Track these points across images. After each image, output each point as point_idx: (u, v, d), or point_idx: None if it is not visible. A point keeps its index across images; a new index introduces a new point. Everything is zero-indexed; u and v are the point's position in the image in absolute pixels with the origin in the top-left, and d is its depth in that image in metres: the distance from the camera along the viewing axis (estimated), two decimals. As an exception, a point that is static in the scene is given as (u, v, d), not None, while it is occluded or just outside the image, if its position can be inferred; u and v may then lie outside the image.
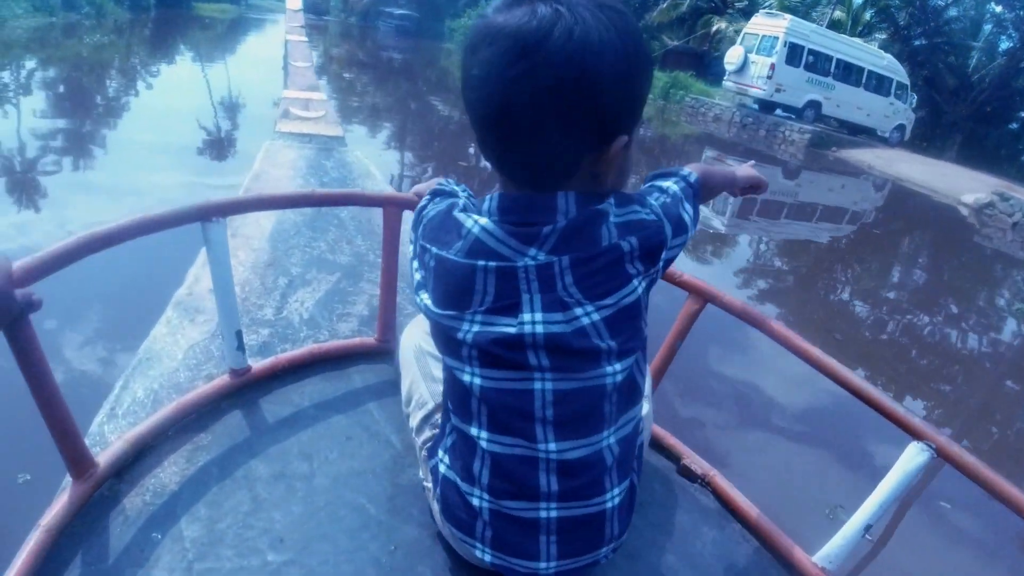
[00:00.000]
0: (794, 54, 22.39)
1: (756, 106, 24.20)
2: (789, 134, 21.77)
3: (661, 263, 1.07)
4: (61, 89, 11.40)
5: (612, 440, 1.09)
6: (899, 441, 1.37)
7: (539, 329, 0.99)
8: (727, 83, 24.48)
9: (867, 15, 33.10)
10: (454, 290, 1.02)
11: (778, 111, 23.76)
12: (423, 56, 33.71)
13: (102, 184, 6.51)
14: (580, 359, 1.02)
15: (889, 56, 25.06)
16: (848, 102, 23.89)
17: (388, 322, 1.99)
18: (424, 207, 1.15)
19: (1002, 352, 7.80)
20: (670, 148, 17.58)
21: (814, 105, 23.33)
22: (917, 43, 31.96)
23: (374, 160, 6.39)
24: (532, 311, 0.99)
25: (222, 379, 1.70)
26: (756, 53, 22.86)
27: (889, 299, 8.77)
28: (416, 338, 1.49)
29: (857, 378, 1.43)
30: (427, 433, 1.34)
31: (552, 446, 1.04)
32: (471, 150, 10.67)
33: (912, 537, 3.48)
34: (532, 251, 0.97)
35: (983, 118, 33.05)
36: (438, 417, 1.32)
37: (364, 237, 3.28)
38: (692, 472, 1.74)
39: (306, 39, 15.31)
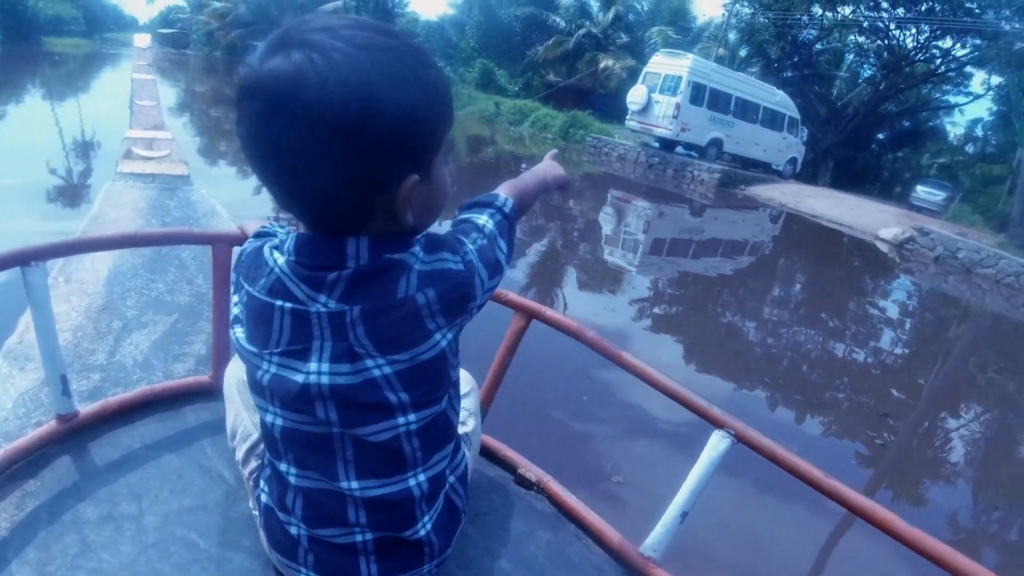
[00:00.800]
0: (697, 93, 22.39)
1: (657, 145, 24.11)
2: (698, 174, 21.63)
3: (474, 309, 1.02)
4: None
5: (421, 478, 1.07)
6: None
7: (324, 380, 0.94)
8: (630, 123, 24.09)
9: (742, 51, 34.01)
10: (256, 327, 0.98)
11: (679, 149, 23.70)
12: None
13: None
14: (368, 412, 0.97)
15: (781, 92, 25.62)
16: (747, 139, 24.18)
17: (222, 358, 1.89)
18: (244, 246, 1.09)
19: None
20: (573, 191, 16.90)
21: (716, 143, 23.40)
22: (787, 75, 33.00)
23: (242, 202, 6.40)
24: (319, 360, 0.94)
25: (49, 425, 1.61)
26: (659, 92, 22.68)
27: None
28: (239, 371, 1.37)
29: (664, 376, 1.51)
30: (253, 463, 1.28)
31: (355, 484, 1.02)
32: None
33: (724, 516, 3.76)
34: (322, 298, 0.92)
35: (851, 143, 34.63)
36: (263, 447, 1.20)
37: (206, 276, 3.15)
38: (527, 480, 1.77)
39: (153, 77, 14.84)
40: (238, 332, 1.04)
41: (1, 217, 6.46)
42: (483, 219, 1.09)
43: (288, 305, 0.94)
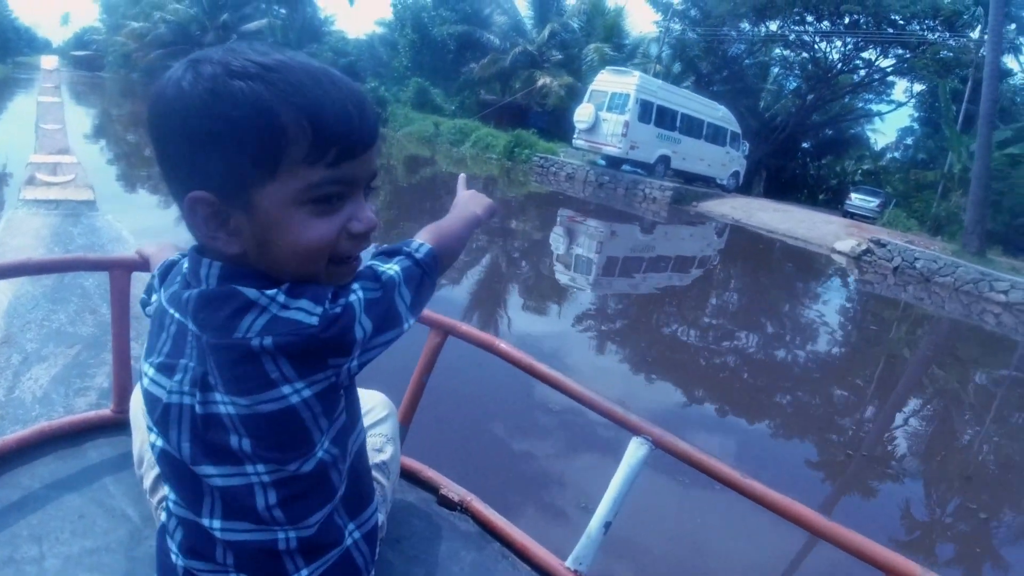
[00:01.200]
0: (645, 111, 22.20)
1: (604, 163, 23.86)
2: (650, 191, 21.43)
3: (344, 368, 0.89)
4: None
5: (291, 534, 0.96)
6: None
7: (186, 400, 0.89)
8: (578, 142, 23.69)
9: (675, 66, 34.22)
10: (151, 334, 0.97)
11: (625, 167, 23.44)
12: None
13: None
14: (214, 451, 0.89)
15: (723, 108, 25.72)
16: (692, 154, 24.12)
17: (124, 390, 1.79)
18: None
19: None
20: (518, 209, 16.76)
21: (664, 160, 23.25)
22: (716, 88, 33.33)
23: (162, 229, 6.17)
24: (182, 380, 0.89)
25: None
26: (607, 111, 22.40)
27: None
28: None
29: (578, 385, 1.51)
30: (160, 492, 1.23)
31: (216, 523, 0.94)
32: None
33: (647, 522, 3.68)
34: (188, 316, 0.87)
35: (780, 153, 35.26)
36: None
37: (109, 305, 2.79)
38: (450, 500, 1.72)
39: (60, 100, 14.37)
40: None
41: None
42: (386, 266, 0.97)
43: (177, 315, 0.90)
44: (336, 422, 0.96)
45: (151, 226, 7.32)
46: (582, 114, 22.92)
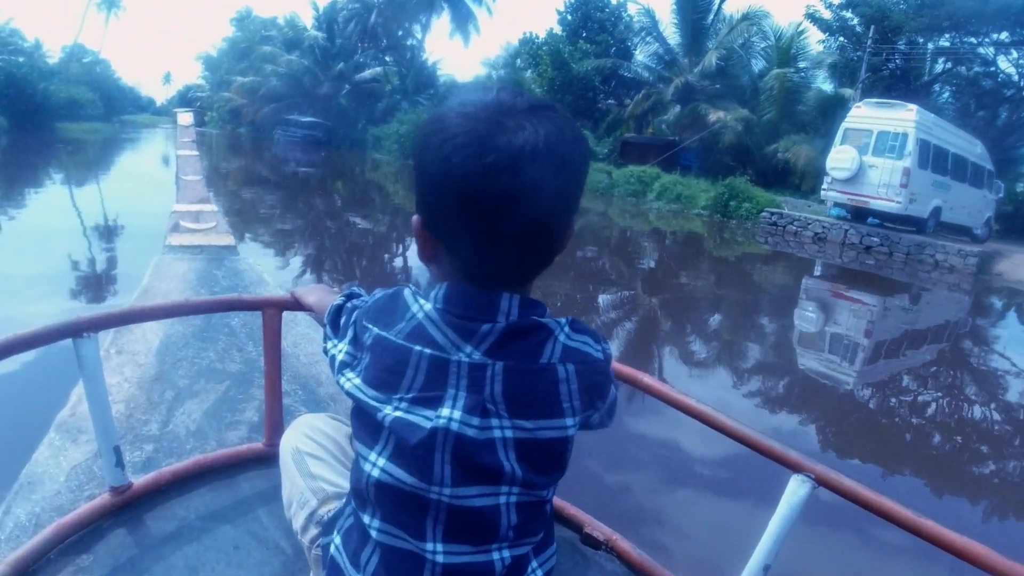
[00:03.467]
0: (923, 154, 16.58)
1: (837, 213, 18.40)
2: (944, 257, 15.79)
3: (602, 408, 1.02)
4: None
5: (505, 554, 0.98)
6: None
7: (453, 427, 0.89)
8: (830, 194, 17.95)
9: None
10: (387, 372, 0.93)
11: (870, 220, 17.78)
12: (340, 168, 30.01)
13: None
14: (479, 473, 0.91)
15: (979, 142, 19.76)
16: (959, 203, 18.35)
17: (275, 424, 1.84)
18: (359, 295, 1.16)
19: None
20: (745, 275, 13.02)
21: (936, 212, 17.55)
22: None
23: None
24: (452, 408, 0.89)
25: (102, 498, 1.59)
26: (872, 154, 16.81)
27: None
28: (294, 441, 1.35)
29: (735, 422, 1.43)
30: (312, 531, 1.24)
31: (439, 547, 0.95)
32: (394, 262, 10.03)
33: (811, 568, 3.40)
34: (468, 348, 0.89)
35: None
36: (322, 513, 1.23)
37: (256, 343, 3.00)
38: (595, 539, 1.68)
39: (197, 153, 14.01)
40: (351, 377, 0.98)
41: (50, 299, 6.53)
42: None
43: (428, 351, 0.90)
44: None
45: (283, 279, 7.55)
46: (841, 159, 17.16)
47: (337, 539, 1.07)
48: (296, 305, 1.60)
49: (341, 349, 1.04)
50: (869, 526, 3.34)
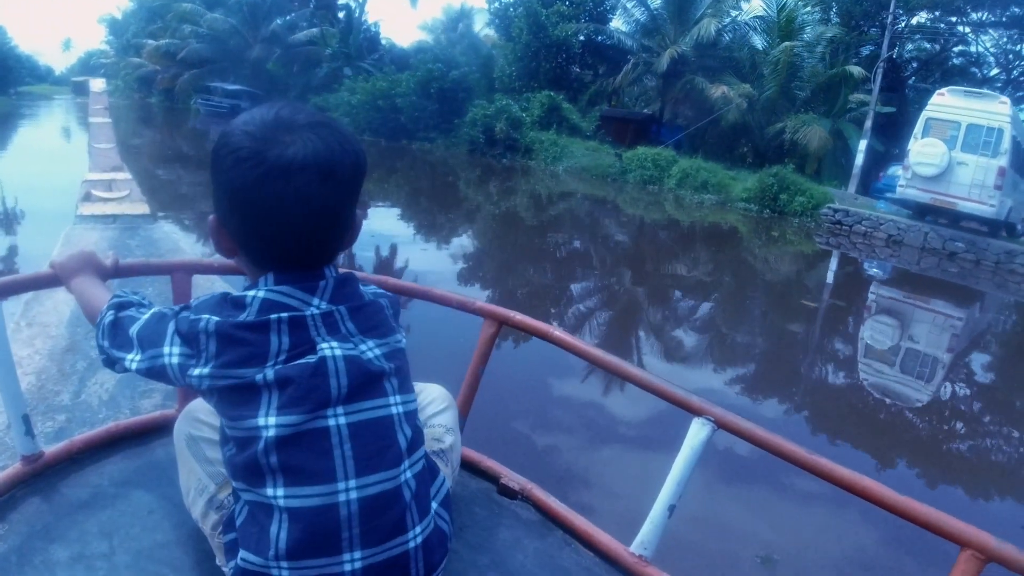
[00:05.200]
0: (1017, 152, 13.58)
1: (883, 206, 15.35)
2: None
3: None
4: None
5: (409, 475, 1.07)
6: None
7: (338, 352, 1.01)
8: (908, 191, 14.36)
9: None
10: (247, 349, 1.00)
11: (929, 218, 14.64)
12: None
13: None
14: (371, 384, 1.05)
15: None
16: (1028, 204, 15.35)
17: (189, 392, 1.59)
18: (131, 304, 1.21)
19: None
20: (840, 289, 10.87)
21: (1011, 214, 14.52)
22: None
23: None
24: (328, 344, 1.02)
25: (14, 468, 1.52)
26: (960, 150, 13.53)
27: None
28: (186, 428, 1.31)
29: (632, 367, 1.47)
30: (213, 516, 1.21)
31: (352, 483, 1.00)
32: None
33: (710, 505, 3.53)
34: (315, 300, 1.03)
35: None
36: (222, 497, 1.21)
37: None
38: (511, 489, 1.69)
39: (110, 120, 12.64)
40: (202, 371, 1.02)
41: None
42: None
43: (285, 315, 1.00)
44: None
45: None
46: (928, 154, 13.68)
47: (237, 537, 1.06)
48: (208, 268, 1.71)
49: (170, 353, 1.05)
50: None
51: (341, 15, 37.22)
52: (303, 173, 0.95)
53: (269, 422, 0.97)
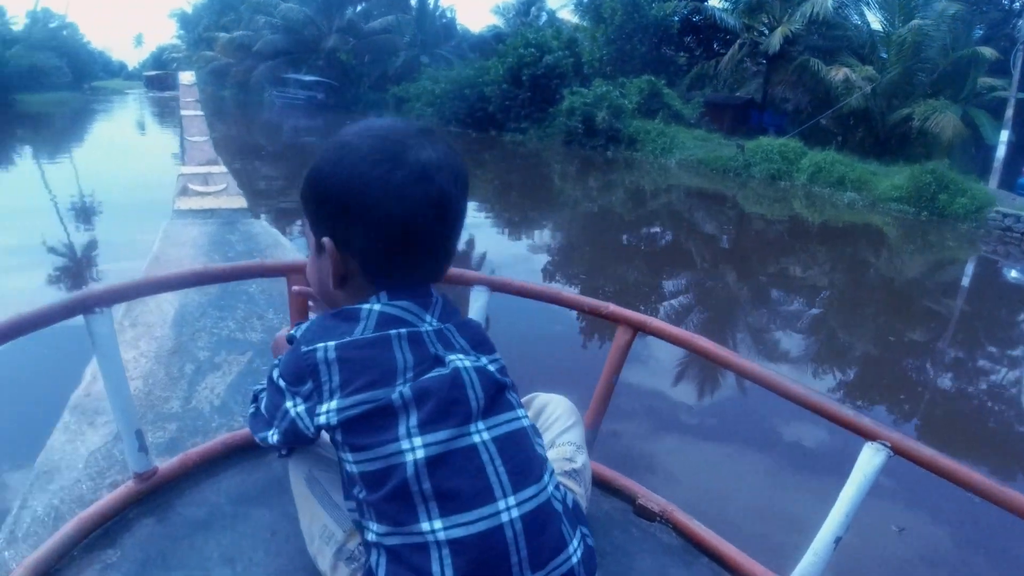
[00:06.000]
0: None
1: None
2: None
3: None
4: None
5: (551, 487, 0.97)
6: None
7: (468, 363, 0.95)
8: None
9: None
10: (376, 369, 0.91)
11: None
12: None
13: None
14: (502, 395, 0.98)
15: None
16: None
17: None
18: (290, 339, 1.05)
19: None
20: None
21: None
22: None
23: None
24: (455, 354, 0.96)
25: (126, 486, 1.44)
26: None
27: None
28: (305, 466, 1.18)
29: (803, 388, 1.32)
30: (344, 570, 1.08)
31: (511, 500, 0.90)
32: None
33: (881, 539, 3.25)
34: (428, 317, 0.98)
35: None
36: (351, 546, 1.08)
37: (277, 310, 2.92)
38: (649, 511, 1.55)
39: (202, 113, 12.12)
40: (330, 406, 0.91)
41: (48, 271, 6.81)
42: None
43: (403, 331, 0.94)
44: None
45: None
46: None
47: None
48: None
49: (294, 404, 0.97)
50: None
51: (413, 2, 35.87)
52: (440, 173, 0.92)
53: (415, 443, 0.88)
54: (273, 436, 1.03)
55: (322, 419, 0.91)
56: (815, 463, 3.89)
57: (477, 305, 1.64)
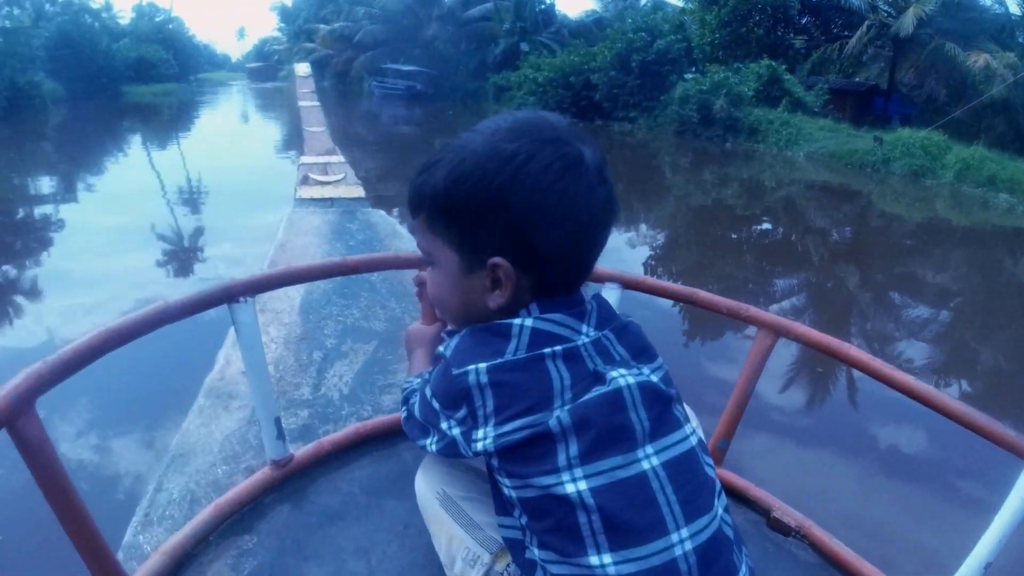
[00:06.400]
0: None
1: None
2: None
3: None
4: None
5: (721, 511, 0.91)
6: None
7: (630, 380, 0.86)
8: None
9: None
10: (532, 393, 0.83)
11: None
12: (457, 125, 22.71)
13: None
14: (668, 411, 0.89)
15: None
16: None
17: None
18: (415, 392, 1.07)
19: None
20: None
21: None
22: None
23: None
24: (615, 370, 0.87)
25: (263, 472, 1.46)
26: None
27: None
28: (436, 484, 1.14)
29: (957, 402, 1.22)
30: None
31: (684, 532, 0.84)
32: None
33: None
34: (584, 328, 0.89)
35: None
36: (500, 567, 1.02)
37: (398, 299, 2.95)
38: (784, 525, 1.48)
39: (318, 103, 12.89)
40: (487, 432, 0.85)
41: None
42: None
43: (558, 348, 0.86)
44: None
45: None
46: None
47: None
48: None
49: (449, 427, 0.91)
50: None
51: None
52: (598, 171, 0.87)
53: (576, 475, 0.82)
54: (432, 447, 0.96)
55: (479, 446, 0.86)
56: (964, 483, 3.72)
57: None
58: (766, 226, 11.11)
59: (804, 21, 24.73)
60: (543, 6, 34.16)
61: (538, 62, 25.42)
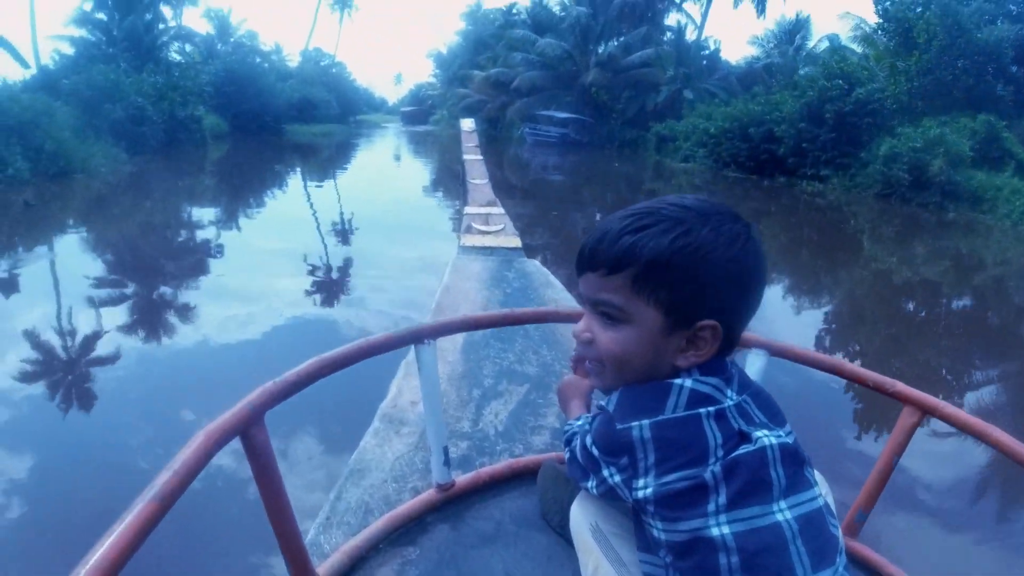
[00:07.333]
0: None
1: None
2: None
3: None
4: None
5: (842, 569, 0.94)
6: None
7: (773, 440, 0.91)
8: None
9: None
10: (691, 449, 0.89)
11: None
12: (615, 177, 22.50)
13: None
14: (801, 471, 0.94)
15: None
16: None
17: None
18: (575, 434, 1.13)
19: None
20: None
21: None
22: None
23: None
24: (759, 430, 0.92)
25: (429, 493, 1.60)
26: None
27: None
28: (591, 515, 1.17)
29: None
30: None
31: None
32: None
33: None
34: (728, 392, 0.95)
35: None
36: None
37: (549, 347, 3.04)
38: None
39: (482, 157, 12.28)
40: (647, 483, 0.91)
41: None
42: None
43: (712, 409, 0.92)
44: None
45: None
46: None
47: None
48: None
49: (611, 474, 0.96)
50: None
51: (667, 35, 33.40)
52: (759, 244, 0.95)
53: (721, 520, 0.87)
54: (593, 489, 1.02)
55: (639, 494, 0.91)
56: None
57: (752, 369, 1.52)
58: (992, 319, 9.00)
59: (1015, 70, 21.46)
60: (707, 51, 32.30)
61: (709, 111, 23.53)
